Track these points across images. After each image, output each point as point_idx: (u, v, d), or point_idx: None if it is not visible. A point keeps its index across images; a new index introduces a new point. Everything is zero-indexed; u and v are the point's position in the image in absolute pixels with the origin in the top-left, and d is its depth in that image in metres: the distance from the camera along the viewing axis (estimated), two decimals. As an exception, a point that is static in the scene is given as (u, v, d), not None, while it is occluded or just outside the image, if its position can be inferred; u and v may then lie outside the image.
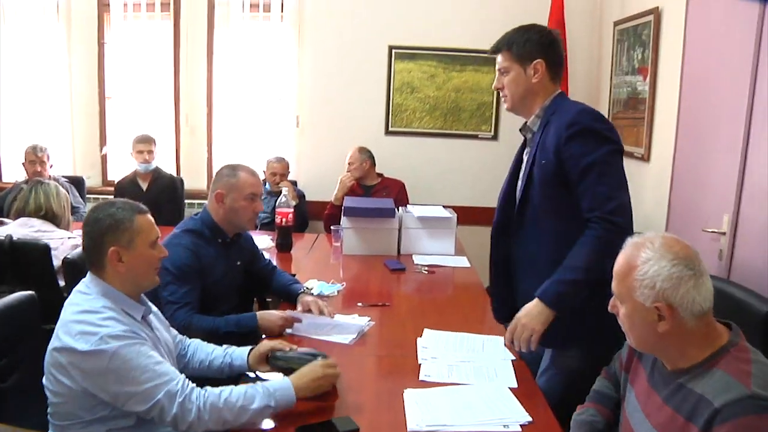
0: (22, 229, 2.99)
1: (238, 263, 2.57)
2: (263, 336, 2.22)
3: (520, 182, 2.05)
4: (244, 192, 2.41)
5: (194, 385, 1.57)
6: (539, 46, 2.00)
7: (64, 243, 2.98)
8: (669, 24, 3.33)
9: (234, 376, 1.91)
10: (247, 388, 1.59)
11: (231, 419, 1.54)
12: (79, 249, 2.66)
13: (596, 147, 1.85)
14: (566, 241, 1.87)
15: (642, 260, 1.34)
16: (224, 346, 1.97)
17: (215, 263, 2.41)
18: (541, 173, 1.94)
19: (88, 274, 1.70)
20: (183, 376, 1.57)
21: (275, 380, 1.65)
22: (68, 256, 2.63)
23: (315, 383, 1.67)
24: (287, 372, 1.72)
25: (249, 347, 1.92)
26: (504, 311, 2.17)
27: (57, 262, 2.81)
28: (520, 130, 2.12)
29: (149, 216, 1.74)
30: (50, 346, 1.59)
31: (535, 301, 1.86)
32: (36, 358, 1.82)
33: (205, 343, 2.01)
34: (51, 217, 3.08)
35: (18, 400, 1.76)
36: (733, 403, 1.21)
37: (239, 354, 1.91)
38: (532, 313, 1.85)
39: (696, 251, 1.38)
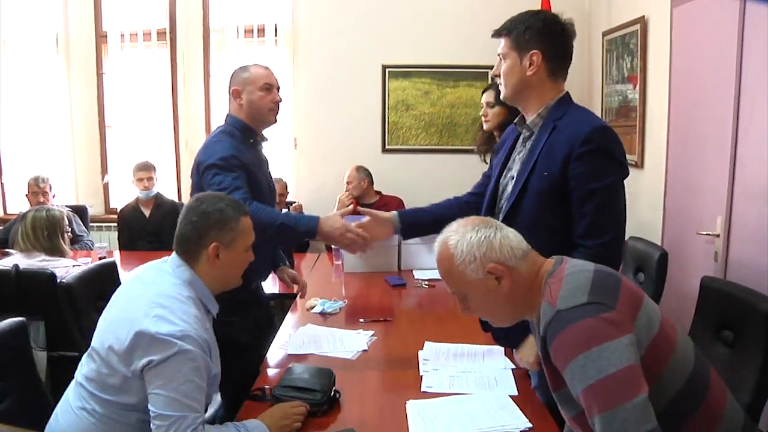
0: (27, 259, 3.05)
1: (268, 170, 2.52)
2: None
3: (510, 188, 1.90)
4: (258, 83, 2.37)
5: (204, 427, 1.55)
6: (540, 35, 1.82)
7: (69, 271, 3.02)
8: (655, 32, 3.39)
9: None
10: (232, 429, 1.60)
11: None
12: (75, 274, 2.68)
13: (606, 173, 1.75)
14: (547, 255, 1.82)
15: (452, 246, 1.39)
16: None
17: (252, 163, 2.33)
18: (539, 185, 1.80)
19: (175, 257, 1.69)
20: (204, 416, 1.56)
21: (250, 421, 1.65)
22: (63, 281, 2.59)
23: (282, 422, 1.66)
24: None
25: None
26: None
27: (63, 291, 2.84)
28: (515, 123, 1.98)
29: (249, 219, 1.75)
30: (127, 324, 1.54)
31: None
32: (27, 383, 1.86)
33: None
34: (41, 250, 3.13)
35: (11, 424, 1.77)
36: (548, 325, 1.29)
37: None
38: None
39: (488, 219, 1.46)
